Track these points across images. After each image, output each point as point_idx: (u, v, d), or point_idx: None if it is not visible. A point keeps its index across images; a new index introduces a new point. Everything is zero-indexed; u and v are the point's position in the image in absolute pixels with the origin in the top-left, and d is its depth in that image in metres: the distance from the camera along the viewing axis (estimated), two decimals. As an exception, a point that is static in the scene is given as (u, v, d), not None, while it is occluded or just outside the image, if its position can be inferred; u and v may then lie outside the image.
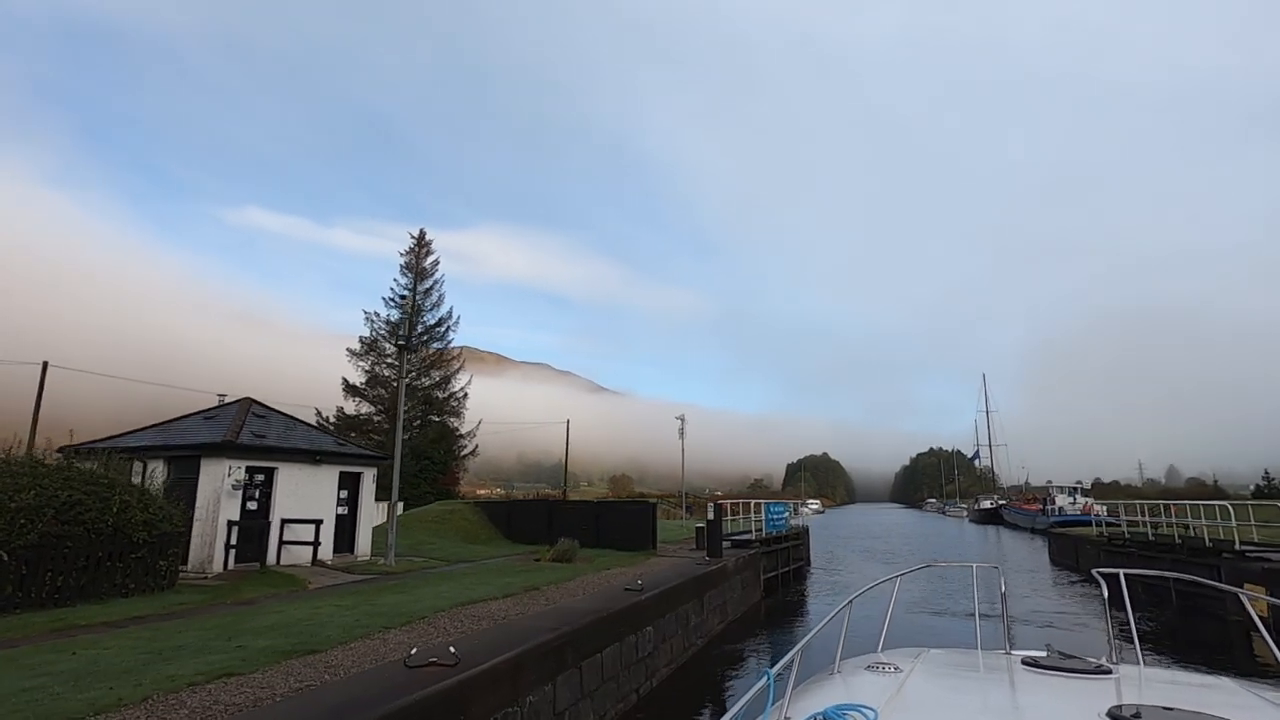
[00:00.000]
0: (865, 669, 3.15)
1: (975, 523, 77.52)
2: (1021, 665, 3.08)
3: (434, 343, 48.83)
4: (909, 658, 3.35)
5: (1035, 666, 3.01)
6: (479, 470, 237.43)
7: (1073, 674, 2.87)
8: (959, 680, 3.19)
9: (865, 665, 3.22)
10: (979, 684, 3.11)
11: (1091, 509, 52.52)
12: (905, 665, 3.15)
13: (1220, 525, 18.29)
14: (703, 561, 15.78)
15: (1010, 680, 2.96)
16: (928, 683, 2.98)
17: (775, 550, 22.50)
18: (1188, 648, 14.21)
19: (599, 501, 22.39)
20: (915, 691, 2.78)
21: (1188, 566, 18.36)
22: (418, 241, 49.68)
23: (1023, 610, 17.93)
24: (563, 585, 12.14)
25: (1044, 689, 2.76)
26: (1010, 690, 2.87)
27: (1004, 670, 3.14)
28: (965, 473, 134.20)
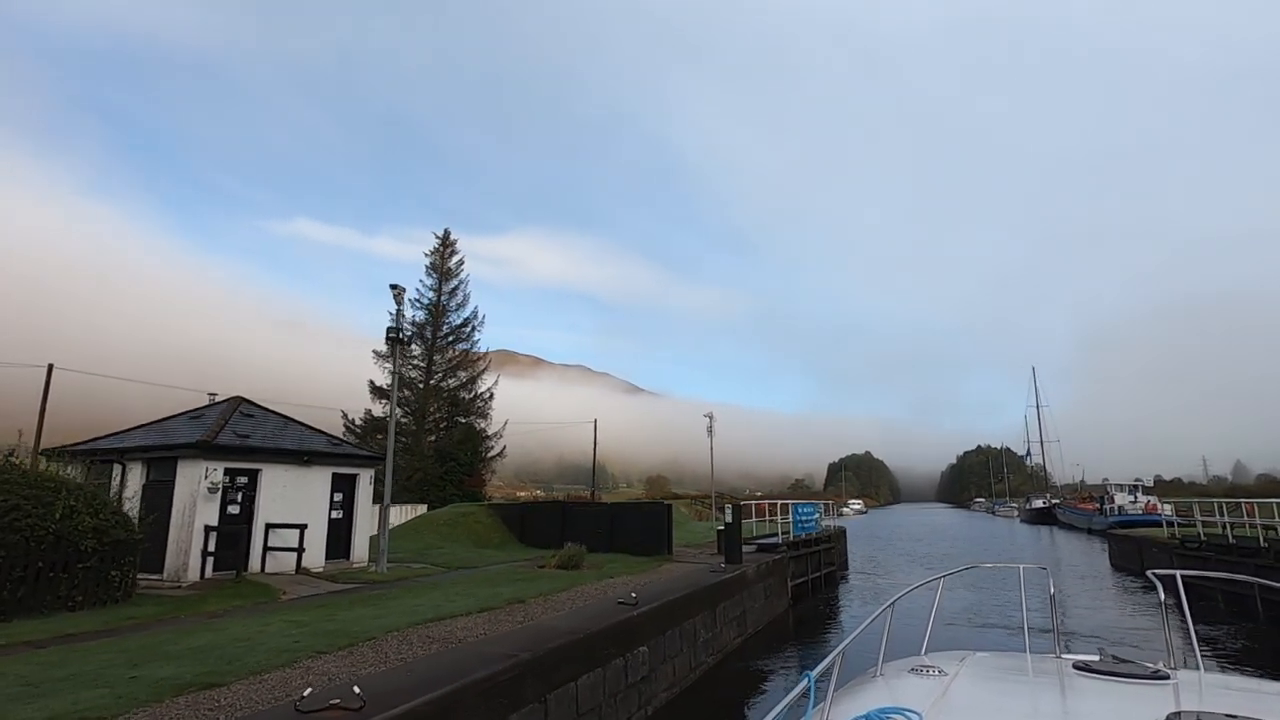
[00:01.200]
0: (909, 672, 3.06)
1: (1027, 523, 73.95)
2: (1073, 669, 2.99)
3: (460, 343, 48.39)
4: (954, 660, 3.25)
5: (1088, 671, 2.91)
6: (520, 472, 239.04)
7: (1128, 679, 2.75)
8: (1007, 684, 3.07)
9: (909, 668, 3.13)
10: (1028, 688, 2.99)
11: (1156, 508, 49.10)
12: (950, 668, 3.06)
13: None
14: (718, 568, 14.39)
15: (1061, 685, 2.86)
16: (974, 686, 2.87)
17: (805, 554, 20.93)
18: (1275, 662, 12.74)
19: (613, 503, 21.20)
20: (961, 695, 2.69)
21: (1276, 573, 16.18)
22: (442, 242, 49.31)
23: (1082, 621, 16.40)
24: (553, 597, 10.92)
25: (1097, 694, 2.66)
26: (1061, 695, 2.76)
27: (1054, 674, 3.02)
28: (1015, 471, 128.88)
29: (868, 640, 3.35)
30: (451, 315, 48.40)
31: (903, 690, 2.75)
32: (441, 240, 49.38)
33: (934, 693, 2.65)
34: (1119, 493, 54.64)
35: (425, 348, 46.84)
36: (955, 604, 17.98)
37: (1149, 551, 24.60)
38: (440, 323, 47.66)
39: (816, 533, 22.12)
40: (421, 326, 46.88)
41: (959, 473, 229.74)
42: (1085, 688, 2.75)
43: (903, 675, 3.04)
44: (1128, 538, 28.80)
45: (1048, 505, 74.31)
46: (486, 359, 49.09)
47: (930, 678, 2.93)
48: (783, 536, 19.83)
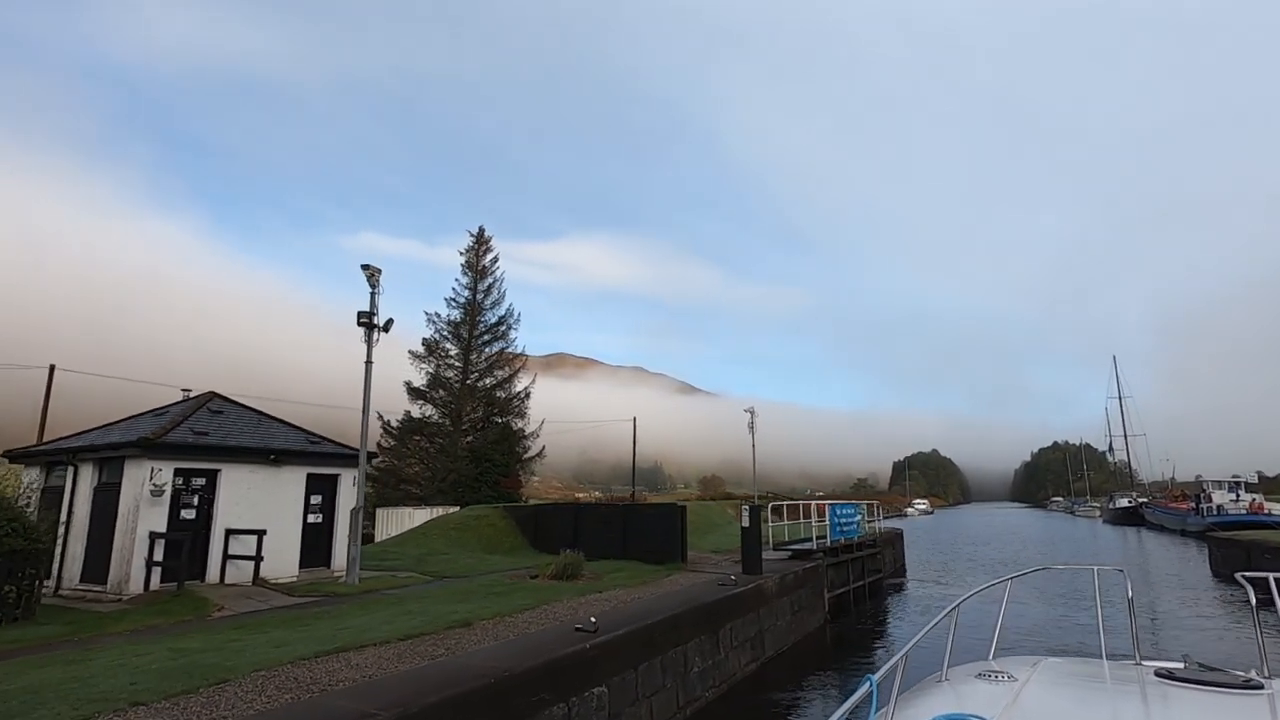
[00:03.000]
0: (976, 677, 2.92)
1: (1110, 523, 68.24)
2: (1154, 677, 2.79)
3: (496, 341, 47.43)
4: (1025, 666, 3.09)
5: (1171, 679, 2.70)
6: (579, 474, 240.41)
7: (1217, 688, 2.54)
8: (1083, 692, 2.89)
9: (976, 673, 2.99)
10: (1107, 697, 2.82)
11: (1262, 507, 43.97)
12: (1020, 674, 2.88)
13: None
14: (728, 581, 12.31)
15: (1142, 694, 2.68)
16: (1047, 693, 2.72)
17: (845, 561, 18.53)
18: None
19: (626, 505, 19.34)
20: (1033, 702, 2.53)
21: None
22: (477, 239, 48.48)
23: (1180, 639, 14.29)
24: (509, 619, 9.11)
25: (1183, 704, 2.49)
26: (1143, 705, 2.60)
27: (1135, 682, 2.84)
28: (1096, 468, 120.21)
29: (932, 644, 3.19)
30: (487, 314, 47.50)
31: (970, 696, 2.63)
32: (476, 238, 48.56)
33: (1003, 699, 2.52)
34: (1217, 490, 49.33)
35: (462, 347, 46.11)
36: (1026, 609, 16.79)
37: (1261, 559, 21.06)
38: (476, 321, 46.83)
39: (859, 536, 19.63)
40: (458, 325, 46.20)
41: (1034, 470, 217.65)
42: (1170, 697, 2.55)
43: (969, 680, 2.90)
44: (1233, 541, 25.00)
45: (1134, 504, 68.27)
46: (523, 358, 47.92)
47: (999, 683, 2.77)
48: (817, 541, 17.48)
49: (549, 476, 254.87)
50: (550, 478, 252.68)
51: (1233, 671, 2.71)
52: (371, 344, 14.01)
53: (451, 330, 45.79)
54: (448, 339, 45.78)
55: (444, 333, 45.84)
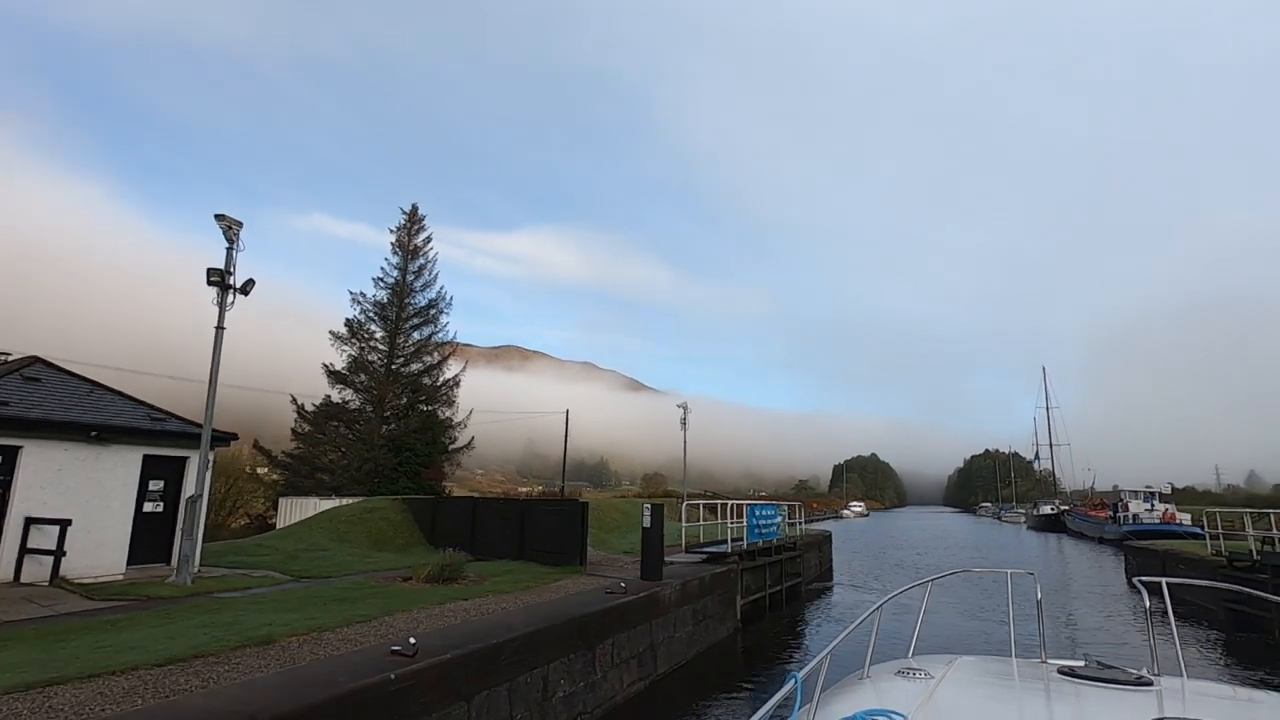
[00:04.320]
0: (895, 674, 3.06)
1: (1034, 530, 70.12)
2: (1058, 675, 3.00)
3: (425, 325, 45.07)
4: (941, 664, 3.25)
5: (1073, 676, 2.93)
6: (523, 468, 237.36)
7: (1112, 685, 2.76)
8: (993, 689, 3.05)
9: (895, 671, 3.12)
10: (1014, 693, 2.97)
11: (1174, 517, 45.38)
12: (937, 671, 3.05)
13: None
14: (617, 589, 10.93)
15: (1046, 690, 2.87)
16: (960, 690, 2.86)
17: (763, 565, 17.45)
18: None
19: (525, 501, 17.81)
20: (947, 699, 2.67)
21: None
22: (409, 217, 46.01)
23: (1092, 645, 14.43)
24: (329, 635, 7.50)
25: (1082, 700, 2.69)
26: (1046, 700, 2.77)
27: (1040, 679, 3.02)
28: (1024, 475, 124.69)
29: (856, 645, 3.34)
30: (417, 296, 45.10)
31: (889, 693, 2.74)
32: (409, 216, 46.10)
33: (920, 695, 2.63)
34: (1133, 500, 50.92)
35: (388, 330, 43.61)
36: (946, 610, 17.31)
37: (1176, 570, 20.98)
38: (405, 303, 44.38)
39: (779, 539, 18.61)
40: (384, 307, 43.67)
41: (966, 476, 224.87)
42: (1069, 693, 2.76)
43: (889, 678, 3.01)
44: (1150, 550, 25.09)
45: (1056, 512, 70.33)
46: (453, 345, 45.67)
47: (917, 680, 2.91)
48: (733, 544, 16.32)
49: (492, 470, 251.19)
50: (494, 471, 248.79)
51: (1127, 669, 2.91)
52: (225, 306, 12.08)
53: (378, 311, 43.27)
54: (373, 320, 43.24)
55: (370, 314, 43.26)
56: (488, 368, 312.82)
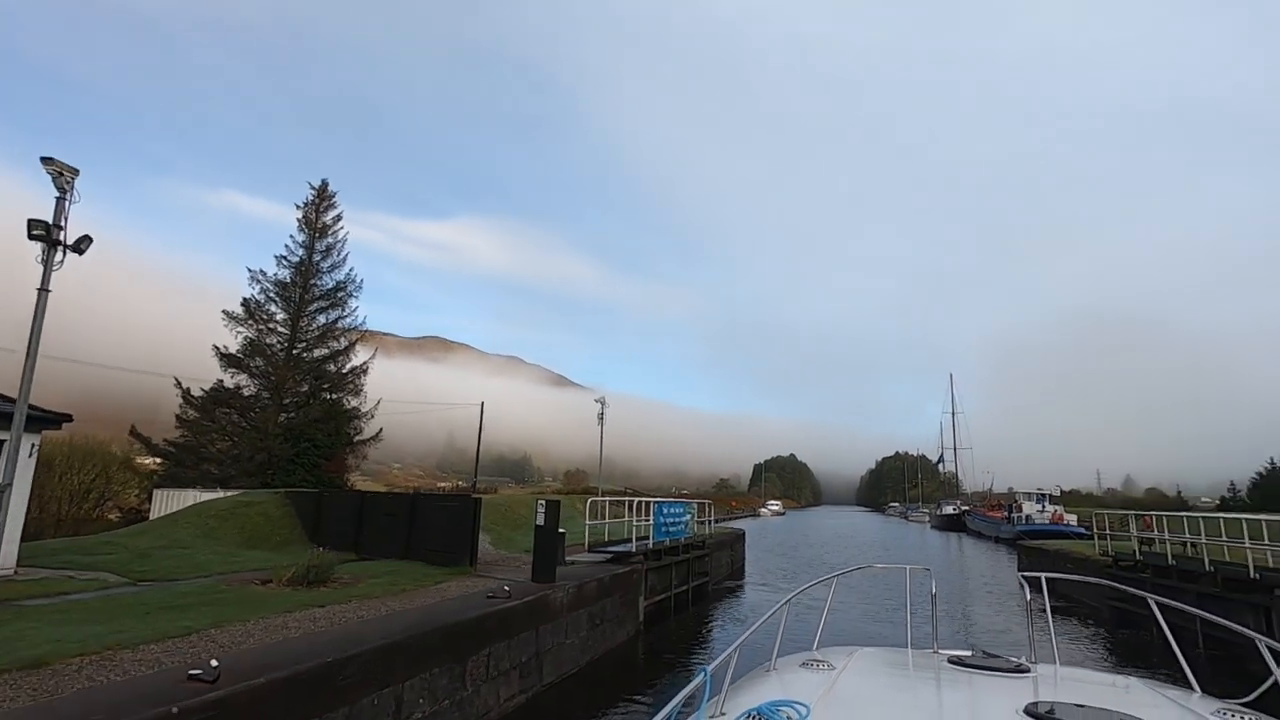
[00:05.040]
0: (800, 666, 3.19)
1: (937, 529, 73.31)
2: (948, 664, 3.22)
3: (332, 309, 42.32)
4: (843, 655, 3.41)
5: (961, 665, 3.17)
6: (443, 463, 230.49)
7: (994, 672, 3.04)
8: (889, 678, 3.22)
9: (800, 662, 3.25)
10: (908, 681, 3.17)
11: (1062, 518, 48.18)
12: (839, 663, 3.21)
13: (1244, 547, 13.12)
14: (500, 593, 9.97)
15: (937, 678, 3.07)
16: (859, 680, 3.01)
17: (669, 565, 16.86)
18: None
19: (415, 495, 16.53)
20: (847, 688, 2.82)
21: (1223, 604, 13.13)
22: (318, 194, 43.13)
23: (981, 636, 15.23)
24: (126, 653, 6.22)
25: (967, 687, 2.92)
26: (936, 687, 2.96)
27: (932, 669, 3.23)
28: (929, 477, 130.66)
29: (766, 638, 3.49)
30: (324, 277, 42.25)
31: (794, 683, 2.84)
32: (318, 192, 43.22)
33: (823, 685, 2.77)
34: (1026, 501, 53.80)
35: (290, 312, 40.65)
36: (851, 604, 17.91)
37: (1065, 566, 21.85)
38: (310, 284, 41.50)
39: (687, 538, 18.08)
40: (287, 287, 40.69)
41: (877, 477, 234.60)
42: (957, 680, 2.99)
43: (795, 669, 3.14)
44: (1042, 550, 26.16)
45: (958, 512, 73.79)
46: (360, 331, 43.07)
47: (820, 671, 3.06)
48: (637, 543, 15.63)
49: (410, 464, 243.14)
50: (412, 465, 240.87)
51: (1009, 658, 3.23)
52: (50, 265, 10.34)
53: (279, 292, 40.24)
54: (274, 301, 40.20)
55: (270, 294, 40.18)
56: (408, 358, 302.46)
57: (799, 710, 2.27)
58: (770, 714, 2.25)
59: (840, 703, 2.59)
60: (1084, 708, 2.35)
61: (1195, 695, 2.89)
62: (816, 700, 2.47)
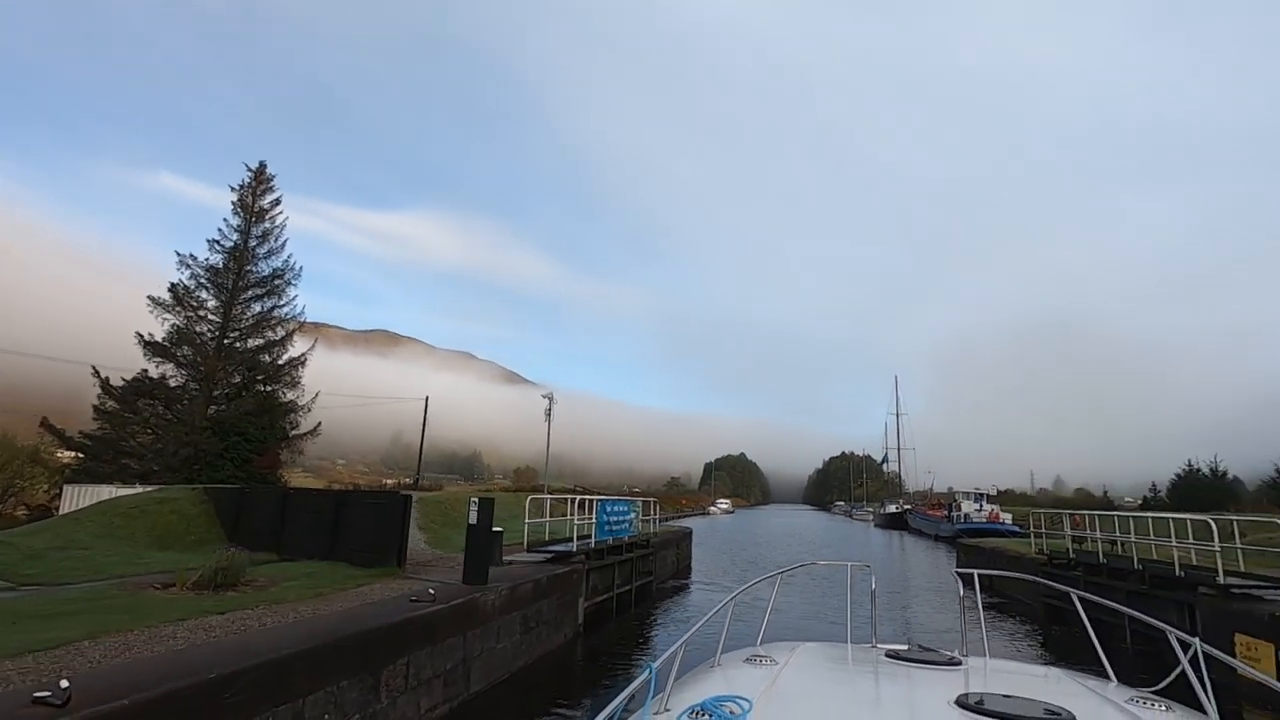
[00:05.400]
0: (744, 661, 3.24)
1: (880, 527, 74.95)
2: (885, 657, 3.35)
3: (269, 296, 40.45)
4: (786, 651, 3.47)
5: (898, 659, 3.29)
6: (388, 459, 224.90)
7: (929, 665, 3.16)
8: (829, 672, 3.29)
9: (744, 658, 3.31)
10: (847, 675, 3.25)
11: (998, 516, 49.76)
12: (781, 658, 3.27)
13: (1179, 546, 13.51)
14: (425, 596, 9.35)
15: (875, 672, 3.18)
16: (800, 674, 3.07)
17: (612, 564, 16.44)
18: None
19: (341, 492, 15.69)
20: (789, 683, 2.87)
21: (1150, 601, 13.44)
22: (255, 176, 41.17)
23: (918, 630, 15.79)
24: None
25: (903, 679, 3.03)
26: (874, 681, 3.08)
27: (870, 662, 3.33)
28: (874, 477, 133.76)
29: (711, 635, 3.56)
30: (260, 264, 40.40)
31: (737, 679, 2.89)
32: (255, 174, 41.24)
33: (765, 681, 2.81)
34: (965, 501, 55.36)
35: (223, 299, 38.66)
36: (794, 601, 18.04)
37: (1001, 565, 22.32)
38: (245, 271, 39.56)
39: (631, 536, 17.69)
40: (219, 273, 38.73)
41: (825, 476, 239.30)
42: (894, 673, 3.10)
43: (738, 665, 3.18)
44: (979, 548, 26.75)
45: (900, 511, 75.68)
46: (297, 321, 41.24)
47: (763, 667, 3.10)
48: (578, 543, 15.14)
49: (355, 460, 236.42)
50: (356, 461, 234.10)
51: (943, 651, 3.37)
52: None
53: (211, 278, 38.30)
54: (205, 287, 38.22)
55: (201, 280, 38.18)
56: (356, 351, 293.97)
57: (741, 705, 2.32)
58: (713, 709, 2.29)
59: (782, 697, 2.64)
60: (1010, 697, 2.45)
61: (1112, 685, 3.13)
62: (759, 695, 2.52)
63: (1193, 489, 48.67)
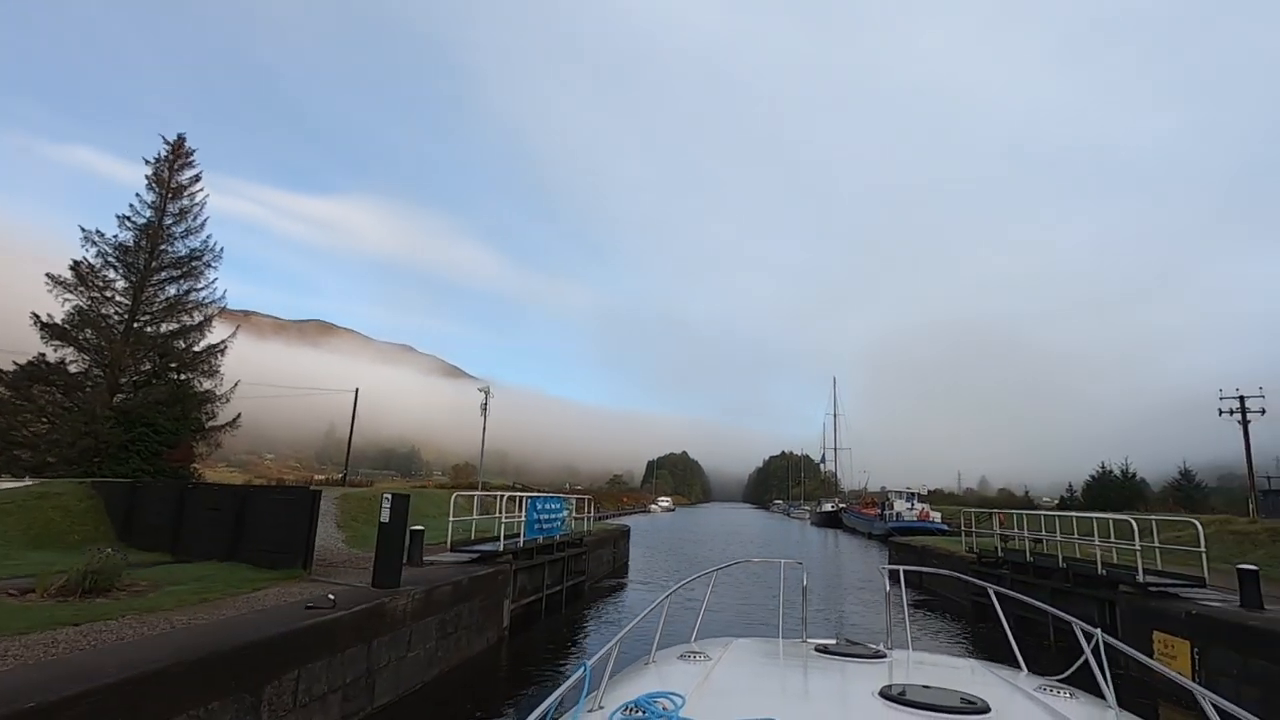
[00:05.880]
0: (678, 658, 3.28)
1: (816, 525, 76.35)
2: (814, 652, 3.48)
3: (185, 279, 37.79)
4: (719, 647, 3.54)
5: (826, 653, 3.41)
6: (322, 455, 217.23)
7: (855, 659, 3.27)
8: (761, 667, 3.37)
9: (678, 655, 3.35)
10: (777, 669, 3.36)
11: (928, 515, 51.26)
12: (715, 654, 3.33)
13: (1101, 545, 13.82)
14: (323, 603, 8.49)
15: (804, 665, 3.29)
16: (733, 670, 3.12)
17: (541, 564, 15.76)
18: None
19: (246, 488, 14.54)
20: (721, 678, 2.91)
21: (1072, 599, 13.67)
22: (173, 150, 38.38)
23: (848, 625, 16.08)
24: None
25: (831, 672, 3.15)
26: (803, 674, 3.19)
27: (800, 657, 3.45)
28: (812, 476, 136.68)
29: (648, 632, 3.60)
30: (176, 244, 37.66)
31: (671, 675, 2.91)
32: (172, 148, 38.45)
33: (698, 676, 2.85)
34: (897, 500, 56.84)
35: (133, 280, 35.90)
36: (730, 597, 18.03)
37: (931, 560, 22.68)
38: (158, 250, 36.83)
39: (563, 535, 17.03)
40: (129, 252, 35.93)
41: (764, 475, 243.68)
42: (822, 667, 3.21)
43: (673, 661, 3.22)
44: (910, 546, 27.21)
45: (836, 509, 77.30)
46: (216, 306, 38.64)
47: (697, 663, 3.13)
48: (506, 541, 14.40)
49: (285, 454, 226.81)
50: (287, 456, 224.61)
51: (869, 645, 3.50)
52: None
53: (120, 256, 35.45)
54: (113, 266, 35.36)
55: (109, 258, 35.31)
56: (288, 341, 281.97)
57: (674, 701, 2.34)
58: (646, 705, 2.30)
59: (714, 692, 2.67)
60: (929, 688, 2.55)
61: (1023, 674, 3.32)
62: (692, 690, 2.55)
63: (1105, 489, 51.25)
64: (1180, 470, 50.40)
